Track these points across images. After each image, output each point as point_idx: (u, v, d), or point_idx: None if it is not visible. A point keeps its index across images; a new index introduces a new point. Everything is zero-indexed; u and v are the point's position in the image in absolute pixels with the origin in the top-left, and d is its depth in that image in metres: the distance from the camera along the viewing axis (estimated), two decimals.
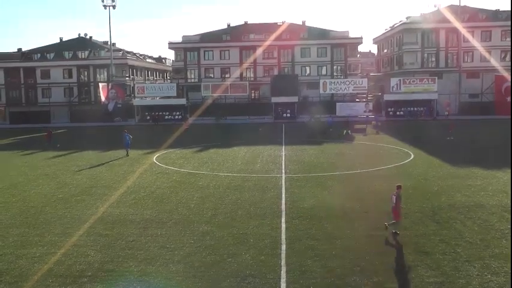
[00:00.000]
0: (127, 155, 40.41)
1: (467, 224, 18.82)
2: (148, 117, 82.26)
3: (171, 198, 24.33)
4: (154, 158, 38.92)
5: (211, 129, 65.26)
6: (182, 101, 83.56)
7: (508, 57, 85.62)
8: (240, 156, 39.00)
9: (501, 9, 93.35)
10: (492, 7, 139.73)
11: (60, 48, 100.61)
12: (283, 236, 17.72)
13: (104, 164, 36.48)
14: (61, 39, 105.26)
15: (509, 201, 22.18)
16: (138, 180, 29.32)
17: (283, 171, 31.45)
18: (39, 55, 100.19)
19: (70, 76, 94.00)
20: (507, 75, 78.65)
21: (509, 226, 18.47)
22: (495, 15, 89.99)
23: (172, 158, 38.89)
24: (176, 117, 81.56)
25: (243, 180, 28.50)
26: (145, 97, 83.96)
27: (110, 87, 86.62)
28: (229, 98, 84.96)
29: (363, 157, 37.39)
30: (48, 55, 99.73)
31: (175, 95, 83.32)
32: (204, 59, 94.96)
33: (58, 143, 50.58)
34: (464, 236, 17.36)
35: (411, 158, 35.93)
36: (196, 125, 72.18)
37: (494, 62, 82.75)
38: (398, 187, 18.02)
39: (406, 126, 63.17)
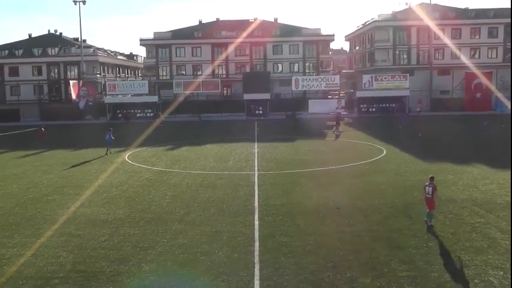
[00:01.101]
0: (106, 153, 40.05)
1: (439, 218, 19.10)
2: (120, 115, 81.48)
3: (143, 197, 24.13)
4: (126, 156, 38.54)
5: (183, 126, 64.91)
6: (154, 99, 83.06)
7: (477, 55, 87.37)
8: (212, 153, 38.91)
9: (470, 7, 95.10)
10: (461, 5, 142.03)
11: (29, 45, 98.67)
12: (257, 234, 17.72)
13: (75, 163, 35.97)
14: (30, 35, 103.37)
15: (479, 196, 22.63)
16: (110, 179, 29.00)
17: (256, 168, 31.48)
18: (6, 52, 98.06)
19: (40, 73, 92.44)
20: (477, 72, 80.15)
21: (507, 224, 18.81)
22: (464, 13, 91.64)
23: (144, 156, 38.57)
24: (148, 114, 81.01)
25: (215, 178, 28.43)
26: (117, 95, 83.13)
27: (80, 84, 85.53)
28: (201, 95, 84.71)
29: (335, 153, 37.64)
30: (16, 52, 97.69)
31: (147, 92, 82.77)
32: (176, 56, 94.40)
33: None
34: (436, 230, 17.62)
35: (384, 154, 36.33)
36: (169, 122, 71.77)
37: (465, 59, 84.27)
38: (432, 178, 18.50)
39: (379, 122, 63.84)
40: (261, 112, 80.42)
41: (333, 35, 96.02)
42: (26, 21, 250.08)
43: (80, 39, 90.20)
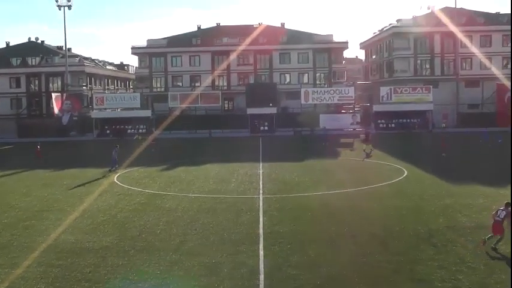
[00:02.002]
0: (110, 170, 41.09)
1: (469, 247, 18.96)
2: (108, 131, 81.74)
3: (134, 223, 24.07)
4: (115, 177, 38.55)
5: (179, 144, 64.99)
6: (147, 113, 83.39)
7: (510, 65, 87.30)
8: (212, 174, 38.89)
9: (501, 12, 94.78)
10: (491, 10, 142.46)
11: (7, 54, 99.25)
12: (261, 265, 17.62)
13: (57, 184, 35.99)
14: (7, 43, 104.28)
15: None
16: (96, 203, 28.97)
17: (261, 191, 31.44)
18: None
19: (18, 85, 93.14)
20: (509, 83, 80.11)
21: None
22: (495, 18, 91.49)
23: (135, 177, 38.60)
24: (140, 131, 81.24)
25: (215, 202, 28.40)
26: (105, 109, 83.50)
27: (64, 97, 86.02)
28: (199, 109, 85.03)
29: (349, 174, 37.56)
30: None
31: (139, 106, 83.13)
32: (172, 66, 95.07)
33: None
34: (465, 261, 17.46)
35: (404, 175, 36.22)
36: (163, 139, 71.87)
37: (495, 70, 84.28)
38: (508, 204, 19.01)
39: (398, 140, 63.78)
40: (266, 128, 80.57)
41: (347, 42, 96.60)
42: (2, 28, 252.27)
43: (64, 48, 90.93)
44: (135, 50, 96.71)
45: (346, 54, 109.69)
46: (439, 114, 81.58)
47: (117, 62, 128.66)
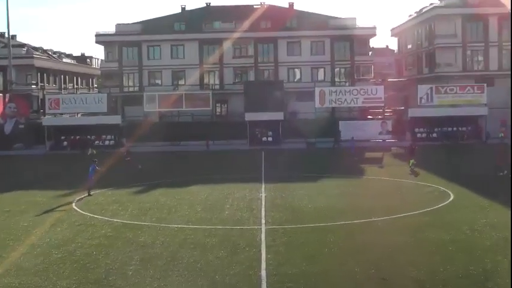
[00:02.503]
0: (89, 193, 41.27)
1: None
2: (65, 143, 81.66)
3: (98, 262, 24.02)
4: (74, 202, 38.54)
5: (158, 159, 64.97)
6: (116, 119, 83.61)
7: None
8: (200, 199, 38.95)
9: None
10: None
11: None
12: None
13: None
14: None
15: None
16: (48, 236, 28.90)
17: (263, 220, 31.46)
18: None
19: None
20: None
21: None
22: None
23: (100, 202, 38.60)
24: (107, 142, 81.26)
25: (204, 235, 28.33)
26: (61, 114, 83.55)
27: (7, 99, 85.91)
28: (184, 114, 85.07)
29: (379, 199, 37.61)
30: None
31: (105, 110, 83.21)
32: (148, 58, 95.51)
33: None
34: None
35: (451, 200, 36.25)
36: (136, 153, 71.85)
37: None
38: None
39: (442, 154, 63.72)
40: (270, 139, 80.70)
41: (374, 28, 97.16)
42: None
43: (7, 35, 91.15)
44: (101, 38, 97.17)
45: (374, 43, 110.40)
46: (495, 121, 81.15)
47: (77, 54, 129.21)
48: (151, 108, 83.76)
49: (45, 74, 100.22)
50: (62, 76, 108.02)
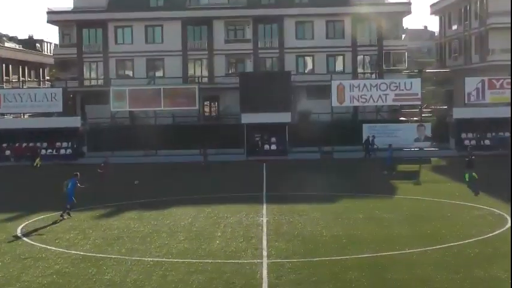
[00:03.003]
0: (64, 215, 41.91)
1: None
2: (8, 152, 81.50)
3: None
4: (19, 229, 38.60)
5: (129, 173, 64.92)
6: (74, 122, 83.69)
7: None
8: (183, 224, 39.11)
9: None
10: None
11: None
12: None
13: None
14: None
15: None
16: None
17: (265, 252, 31.43)
18: None
19: None
20: None
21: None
22: None
23: (54, 229, 38.63)
24: (63, 151, 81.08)
25: (189, 271, 28.33)
26: (3, 114, 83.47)
27: None
28: (163, 115, 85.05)
29: (414, 225, 37.71)
30: None
31: (60, 110, 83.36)
32: (116, 43, 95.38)
33: None
34: None
35: (508, 226, 36.32)
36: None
37: None
38: None
39: (497, 168, 63.73)
40: (273, 147, 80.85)
41: (409, 3, 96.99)
42: None
43: None
44: (54, 16, 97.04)
45: (408, 23, 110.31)
46: None
47: (24, 37, 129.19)
48: (120, 107, 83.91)
49: None
50: (4, 65, 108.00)
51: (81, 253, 32.37)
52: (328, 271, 27.88)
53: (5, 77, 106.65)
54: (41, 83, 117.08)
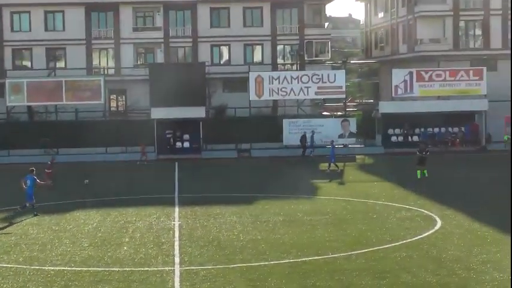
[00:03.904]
0: (22, 207, 42.60)
1: None
2: None
3: None
4: None
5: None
6: None
7: None
8: (86, 230, 38.81)
9: None
10: None
11: None
12: None
13: None
14: None
15: None
16: None
17: (177, 259, 31.32)
18: None
19: None
20: None
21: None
22: None
23: None
24: None
25: (93, 281, 27.99)
26: None
27: None
28: (64, 110, 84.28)
29: (337, 228, 37.90)
30: None
31: None
32: (12, 30, 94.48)
33: None
34: None
35: (437, 228, 36.77)
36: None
37: None
38: None
39: (427, 165, 64.50)
40: (186, 145, 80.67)
41: None
42: None
43: None
44: None
45: (332, 11, 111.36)
46: (498, 119, 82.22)
47: None
48: (17, 101, 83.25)
49: None
50: None
51: None
52: (246, 279, 27.82)
53: None
54: None
